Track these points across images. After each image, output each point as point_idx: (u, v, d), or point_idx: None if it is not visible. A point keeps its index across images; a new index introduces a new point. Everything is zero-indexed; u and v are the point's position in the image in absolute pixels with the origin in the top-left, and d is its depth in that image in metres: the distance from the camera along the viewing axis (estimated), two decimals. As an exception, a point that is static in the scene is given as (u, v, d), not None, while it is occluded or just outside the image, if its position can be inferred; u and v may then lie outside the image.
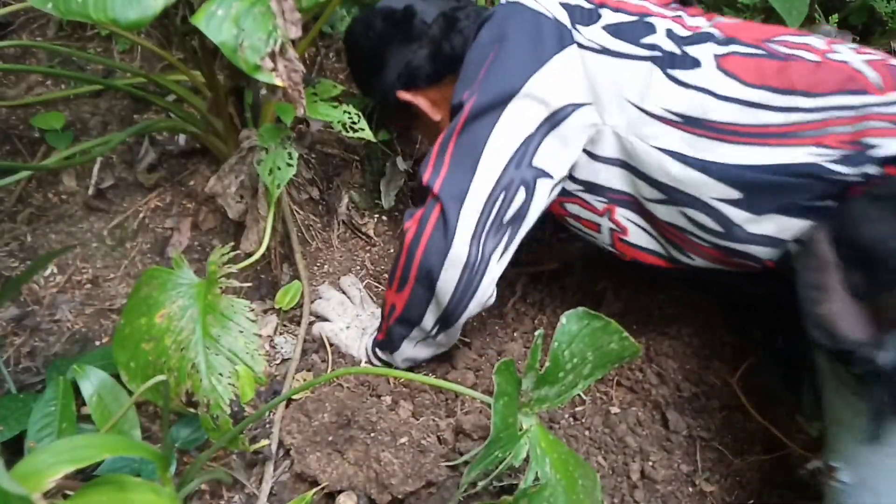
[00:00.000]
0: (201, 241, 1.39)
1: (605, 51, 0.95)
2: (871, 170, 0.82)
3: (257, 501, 0.97)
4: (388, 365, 1.16)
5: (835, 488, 0.85)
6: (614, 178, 0.99)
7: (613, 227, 1.05)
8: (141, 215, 1.40)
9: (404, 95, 1.14)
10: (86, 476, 0.94)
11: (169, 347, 0.87)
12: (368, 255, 1.46)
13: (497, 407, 0.73)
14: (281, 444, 1.04)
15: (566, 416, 1.14)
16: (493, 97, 0.95)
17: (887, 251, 0.77)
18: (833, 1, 1.69)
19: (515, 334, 1.31)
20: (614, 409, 1.15)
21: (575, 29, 0.97)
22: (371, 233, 1.50)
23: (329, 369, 1.19)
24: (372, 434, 1.01)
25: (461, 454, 1.01)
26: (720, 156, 0.89)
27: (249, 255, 1.17)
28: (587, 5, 1.01)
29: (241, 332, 0.89)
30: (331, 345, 1.21)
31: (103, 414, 0.98)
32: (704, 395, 1.16)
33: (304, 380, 1.16)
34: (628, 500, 1.02)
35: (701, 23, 1.00)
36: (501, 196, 0.96)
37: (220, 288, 0.93)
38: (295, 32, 0.86)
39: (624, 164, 0.97)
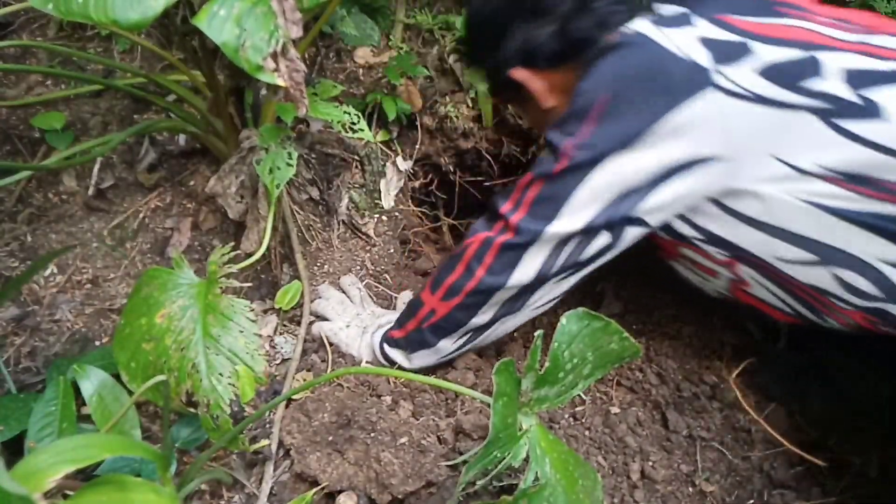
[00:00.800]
0: (201, 241, 1.39)
1: (751, 97, 0.81)
2: None
3: (257, 501, 0.97)
4: (392, 364, 1.15)
5: None
6: (745, 238, 0.88)
7: (734, 278, 0.97)
8: (141, 215, 1.40)
9: (519, 74, 1.02)
10: (86, 476, 0.94)
11: (169, 347, 0.88)
12: (368, 255, 1.46)
13: (496, 407, 0.73)
14: (281, 444, 1.04)
15: (566, 415, 1.14)
16: (599, 150, 0.85)
17: None
18: (834, 1, 1.69)
19: (515, 334, 1.31)
20: (614, 409, 1.15)
21: (716, 70, 0.82)
22: (371, 233, 1.50)
23: (329, 369, 1.19)
24: (372, 434, 1.01)
25: (461, 454, 1.01)
26: (883, 218, 0.78)
27: (250, 255, 1.17)
28: (734, 38, 0.84)
29: (242, 331, 0.90)
30: (330, 344, 1.21)
31: (103, 414, 0.98)
32: (704, 395, 1.16)
33: (304, 380, 1.16)
34: (628, 500, 1.02)
35: (892, 43, 0.83)
36: (579, 238, 0.91)
37: (221, 288, 0.93)
38: (296, 32, 0.86)
39: (762, 225, 0.86)
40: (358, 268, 1.43)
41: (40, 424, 0.97)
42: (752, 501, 1.05)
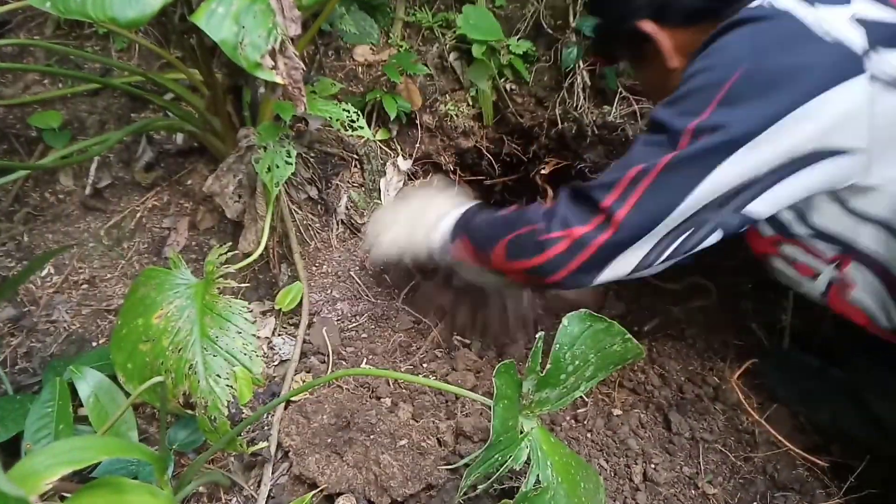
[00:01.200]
0: (199, 240, 1.38)
1: None
2: None
3: (255, 504, 0.96)
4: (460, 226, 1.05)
5: None
6: (866, 236, 0.81)
7: (838, 278, 0.87)
8: (138, 215, 1.39)
9: (648, 27, 0.91)
10: (83, 478, 0.93)
11: (166, 348, 0.87)
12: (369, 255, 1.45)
13: (497, 410, 0.72)
14: (280, 446, 1.03)
15: (568, 418, 1.14)
16: (720, 138, 0.74)
17: None
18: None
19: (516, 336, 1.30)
20: (616, 411, 1.14)
21: (870, 55, 0.73)
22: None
23: (328, 371, 1.18)
24: (371, 436, 1.00)
25: (461, 457, 1.00)
26: None
27: (248, 255, 1.16)
28: (893, 19, 0.75)
29: (239, 332, 0.89)
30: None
31: (100, 415, 0.97)
32: (707, 397, 1.15)
33: (303, 381, 1.15)
34: (630, 502, 1.02)
35: None
36: (689, 232, 0.81)
37: (218, 288, 0.92)
38: (294, 30, 0.85)
39: (887, 225, 0.78)
40: (357, 268, 1.42)
41: (37, 426, 0.96)
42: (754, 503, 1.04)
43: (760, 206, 0.79)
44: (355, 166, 1.53)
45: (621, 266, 0.84)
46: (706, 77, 0.77)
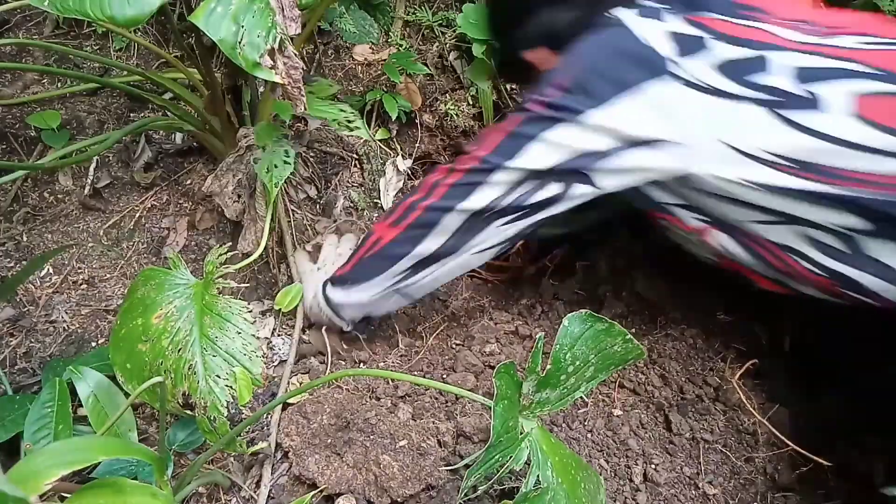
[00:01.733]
0: (198, 240, 1.38)
1: (704, 89, 0.88)
2: None
3: (255, 504, 0.96)
4: (331, 305, 1.17)
5: None
6: (714, 207, 0.95)
7: (712, 242, 1.02)
8: (137, 215, 1.39)
9: (540, 53, 1.10)
10: (82, 478, 0.93)
11: (165, 349, 0.86)
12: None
13: (497, 410, 0.72)
14: (279, 446, 1.03)
15: (568, 418, 1.13)
16: (564, 111, 0.93)
17: None
18: (838, 1, 1.69)
19: (516, 336, 1.30)
20: (617, 412, 1.14)
21: (674, 61, 0.90)
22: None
23: (328, 371, 1.18)
24: (371, 436, 1.00)
25: (462, 457, 1.00)
26: (843, 195, 0.83)
27: (247, 255, 1.16)
28: (693, 32, 0.93)
29: (239, 333, 0.89)
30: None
31: (100, 416, 0.97)
32: (708, 397, 1.15)
33: (302, 382, 1.15)
34: (631, 502, 1.01)
35: (846, 43, 0.89)
36: (533, 182, 0.97)
37: (218, 289, 0.92)
38: (294, 29, 0.85)
39: (724, 198, 0.92)
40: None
41: (36, 426, 0.95)
42: (755, 504, 1.04)
43: (602, 178, 0.96)
44: (355, 166, 1.53)
45: (478, 199, 0.99)
46: (559, 69, 0.96)
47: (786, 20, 0.95)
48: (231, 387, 0.86)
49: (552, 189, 0.97)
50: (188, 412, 0.94)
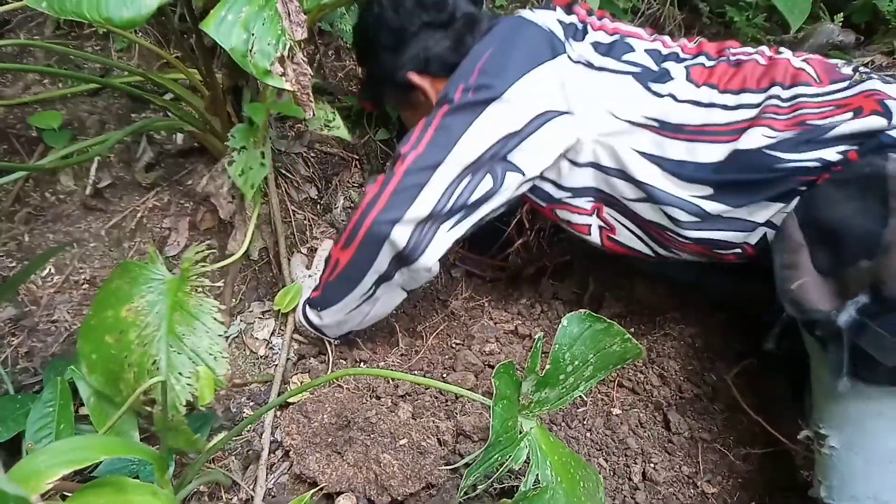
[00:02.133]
0: (199, 241, 1.38)
1: (590, 65, 1.05)
2: (829, 156, 0.89)
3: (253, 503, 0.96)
4: (313, 327, 1.19)
5: (825, 455, 0.90)
6: (597, 181, 1.06)
7: (602, 224, 1.12)
8: (139, 215, 1.39)
9: (415, 78, 1.17)
10: (84, 477, 0.93)
11: (132, 342, 0.85)
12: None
13: (496, 410, 0.72)
14: (280, 445, 1.04)
15: (567, 417, 1.14)
16: (482, 95, 1.00)
17: (848, 230, 0.84)
18: (833, 8, 1.69)
19: (516, 336, 1.30)
20: (616, 411, 1.15)
21: (567, 42, 1.06)
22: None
23: (329, 370, 1.18)
24: (372, 435, 1.00)
25: (461, 456, 1.00)
26: (688, 156, 0.98)
27: (240, 256, 1.16)
28: (578, 23, 1.11)
29: (207, 332, 0.87)
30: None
31: (101, 415, 0.97)
32: (706, 397, 1.16)
33: (302, 382, 1.16)
34: (630, 501, 1.02)
35: (681, 44, 1.11)
36: (468, 178, 1.00)
37: (194, 287, 0.91)
38: (300, 34, 0.86)
39: (604, 168, 1.04)
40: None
41: (38, 425, 0.96)
42: (753, 503, 1.04)
43: (523, 160, 1.02)
44: (355, 166, 1.54)
45: (421, 206, 0.99)
46: (469, 58, 1.04)
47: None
48: (192, 385, 0.85)
49: (487, 182, 1.01)
50: (147, 408, 0.93)
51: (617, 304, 1.34)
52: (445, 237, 1.03)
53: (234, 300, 1.30)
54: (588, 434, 1.10)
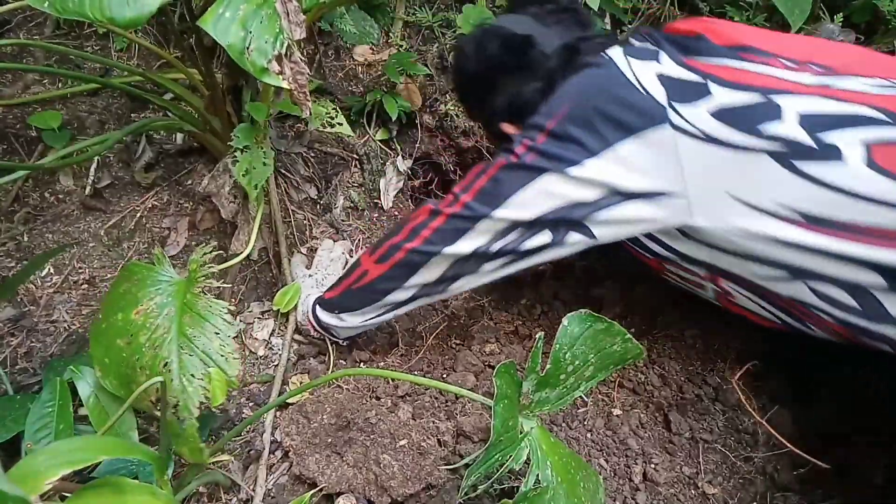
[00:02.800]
0: (199, 241, 1.38)
1: (707, 139, 0.82)
2: None
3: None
4: (321, 326, 1.17)
5: None
6: (719, 259, 0.91)
7: (718, 290, 1.00)
8: (138, 215, 1.39)
9: (508, 128, 1.06)
10: (83, 478, 0.93)
11: (143, 345, 0.85)
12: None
13: (497, 410, 0.72)
14: (280, 445, 1.03)
15: (568, 417, 1.14)
16: (543, 162, 0.90)
17: None
18: (834, 6, 1.69)
19: (516, 336, 1.30)
20: (616, 411, 1.14)
21: (671, 107, 0.84)
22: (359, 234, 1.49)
23: (329, 371, 1.18)
24: (371, 436, 1.00)
25: (461, 457, 1.00)
26: (858, 251, 0.78)
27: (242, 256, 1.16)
28: (692, 78, 0.86)
29: (217, 333, 0.87)
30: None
31: (101, 415, 0.97)
32: (707, 397, 1.15)
33: (302, 382, 1.15)
34: (630, 502, 1.02)
35: (856, 86, 0.83)
36: (519, 230, 0.94)
37: (202, 288, 0.91)
38: (299, 34, 0.85)
39: (730, 251, 0.88)
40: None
41: (37, 426, 0.95)
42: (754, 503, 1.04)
43: (596, 228, 0.92)
44: (355, 166, 1.53)
45: (465, 244, 0.96)
46: (543, 110, 0.92)
47: (790, 60, 0.89)
48: (205, 387, 0.85)
49: (544, 236, 0.94)
50: (157, 412, 0.93)
51: (617, 304, 1.34)
52: (487, 274, 1.00)
53: (233, 300, 1.29)
54: (588, 434, 1.10)
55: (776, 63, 0.89)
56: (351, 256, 1.37)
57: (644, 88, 0.86)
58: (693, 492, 1.05)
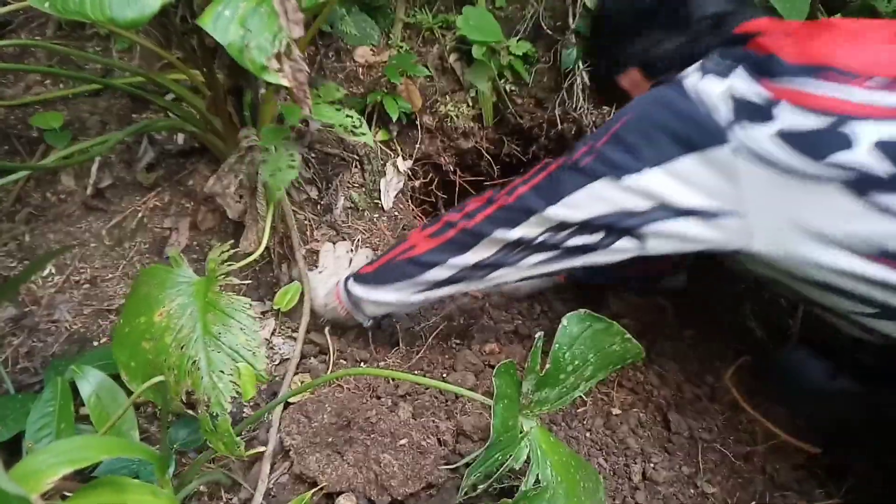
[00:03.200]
0: (200, 240, 1.38)
1: (770, 162, 0.79)
2: None
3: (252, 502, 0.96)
4: (351, 299, 1.16)
5: None
6: (806, 291, 0.88)
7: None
8: (139, 215, 1.39)
9: (625, 81, 1.08)
10: (84, 477, 0.93)
11: (169, 345, 0.86)
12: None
13: (497, 409, 0.72)
14: (281, 444, 1.04)
15: (567, 417, 1.14)
16: (599, 168, 0.90)
17: None
18: (835, 5, 1.69)
19: (516, 336, 1.30)
20: (615, 411, 1.15)
21: (736, 127, 0.81)
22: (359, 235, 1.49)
23: (329, 371, 1.18)
24: (372, 435, 1.01)
25: (461, 456, 1.00)
26: None
27: (249, 254, 1.16)
28: (762, 99, 0.81)
29: (242, 329, 0.88)
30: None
31: (102, 415, 0.97)
32: (706, 397, 1.16)
33: (302, 381, 1.16)
34: (630, 501, 1.02)
35: None
36: (572, 229, 0.95)
37: (220, 286, 0.92)
38: (298, 32, 0.86)
39: (815, 284, 0.85)
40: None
41: (38, 425, 0.96)
42: (753, 503, 1.04)
43: (645, 234, 0.91)
44: (356, 167, 1.54)
45: (516, 231, 0.98)
46: (611, 121, 0.93)
47: (869, 77, 0.80)
48: (235, 382, 0.86)
49: (593, 236, 0.94)
50: (190, 411, 0.94)
51: (617, 304, 1.34)
52: (528, 267, 1.01)
53: (234, 300, 1.30)
54: (588, 434, 1.10)
55: (858, 83, 0.80)
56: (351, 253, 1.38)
57: (711, 105, 0.83)
58: (692, 491, 1.05)
